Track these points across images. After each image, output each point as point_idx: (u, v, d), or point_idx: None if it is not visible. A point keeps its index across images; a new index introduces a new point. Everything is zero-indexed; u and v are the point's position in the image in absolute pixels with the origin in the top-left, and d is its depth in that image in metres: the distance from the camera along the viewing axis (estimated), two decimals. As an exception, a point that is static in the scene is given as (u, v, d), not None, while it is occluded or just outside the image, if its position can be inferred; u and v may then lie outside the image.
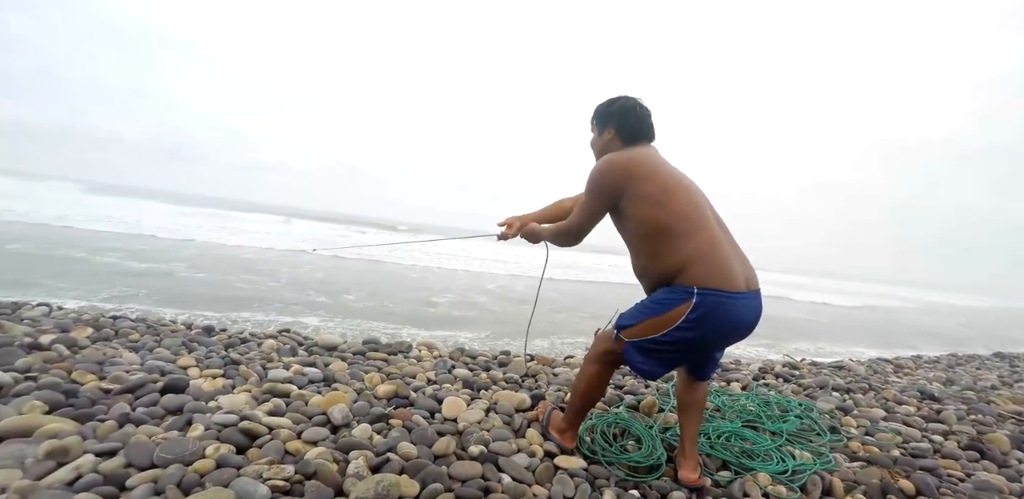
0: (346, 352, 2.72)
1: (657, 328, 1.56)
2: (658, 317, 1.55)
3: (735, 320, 1.54)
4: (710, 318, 1.50)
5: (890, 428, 2.45)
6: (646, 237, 1.61)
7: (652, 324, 1.57)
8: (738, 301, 1.52)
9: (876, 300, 19.64)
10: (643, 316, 1.60)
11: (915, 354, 5.90)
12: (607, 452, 1.86)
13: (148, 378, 1.91)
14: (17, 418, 1.50)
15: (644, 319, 1.59)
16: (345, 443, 1.59)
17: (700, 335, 1.53)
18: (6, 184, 21.02)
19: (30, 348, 2.16)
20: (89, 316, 3.01)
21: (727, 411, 2.43)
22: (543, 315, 6.42)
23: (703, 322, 1.50)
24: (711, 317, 1.50)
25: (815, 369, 3.79)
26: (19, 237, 7.65)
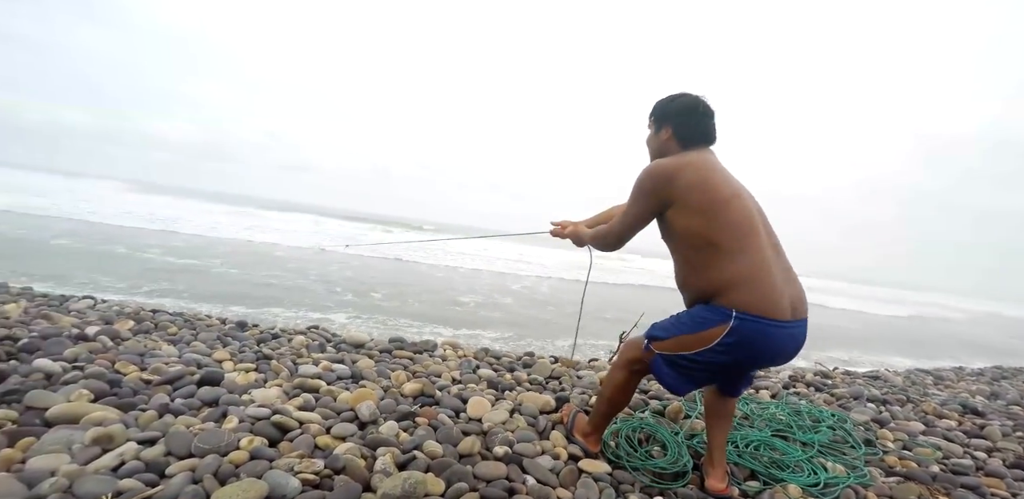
0: (373, 350, 2.77)
1: (689, 346, 1.49)
2: (693, 334, 1.48)
3: (774, 349, 1.47)
4: (746, 344, 1.42)
5: (929, 443, 2.35)
6: (691, 250, 1.52)
7: (685, 341, 1.50)
8: (781, 330, 1.43)
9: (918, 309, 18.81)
10: (677, 331, 1.54)
11: (957, 366, 5.64)
12: (632, 457, 1.84)
13: (186, 370, 1.98)
14: (66, 405, 1.58)
15: (678, 334, 1.53)
16: (373, 440, 1.61)
17: (733, 360, 1.47)
18: (53, 182, 22.11)
19: (77, 339, 2.27)
20: (131, 309, 3.14)
21: (756, 419, 2.37)
22: (567, 317, 6.39)
23: (738, 347, 1.43)
24: (747, 343, 1.42)
25: (848, 379, 3.67)
26: (64, 233, 8.04)
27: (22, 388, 1.66)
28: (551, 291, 9.12)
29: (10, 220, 8.50)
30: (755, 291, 1.41)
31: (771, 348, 1.45)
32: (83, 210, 11.72)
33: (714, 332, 1.43)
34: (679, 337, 1.52)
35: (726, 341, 1.41)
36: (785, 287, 1.46)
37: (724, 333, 1.41)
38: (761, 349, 1.44)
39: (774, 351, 1.47)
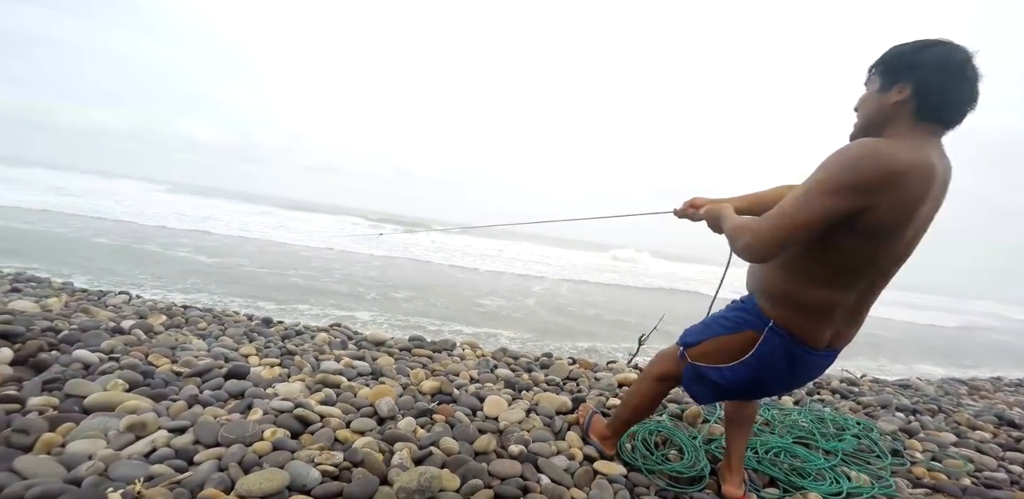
0: (393, 348, 2.82)
1: (721, 353, 1.42)
2: (724, 337, 1.41)
3: (797, 373, 1.39)
4: (774, 361, 1.34)
5: (961, 455, 2.27)
6: (821, 263, 1.22)
7: (718, 345, 1.43)
8: (809, 356, 1.33)
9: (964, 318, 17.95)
10: (711, 333, 1.46)
11: (995, 376, 5.41)
12: (648, 460, 1.83)
13: (214, 364, 2.06)
14: (102, 394, 1.66)
15: (712, 336, 1.45)
16: (391, 435, 1.65)
17: (759, 375, 1.39)
18: (91, 183, 23.06)
19: (114, 332, 2.37)
20: (163, 305, 3.26)
21: (777, 426, 2.32)
22: (587, 319, 6.37)
23: (765, 361, 1.35)
24: (776, 360, 1.34)
25: (877, 386, 3.56)
26: (103, 232, 8.39)
27: (63, 377, 1.75)
28: (570, 294, 9.09)
29: (51, 219, 8.92)
30: (809, 321, 1.28)
31: (793, 371, 1.37)
32: (119, 210, 12.20)
33: (748, 336, 1.35)
34: (713, 339, 1.44)
35: (762, 350, 1.32)
36: (841, 322, 1.30)
37: (759, 341, 1.32)
38: (784, 369, 1.35)
39: (796, 374, 1.40)
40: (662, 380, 1.63)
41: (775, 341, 1.31)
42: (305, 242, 11.20)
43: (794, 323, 1.29)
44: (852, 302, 1.27)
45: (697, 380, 1.50)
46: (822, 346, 1.32)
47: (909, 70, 1.13)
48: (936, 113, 1.13)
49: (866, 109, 1.23)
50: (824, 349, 1.33)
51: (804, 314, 1.28)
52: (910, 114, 1.14)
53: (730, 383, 1.42)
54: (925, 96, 1.12)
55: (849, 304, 1.27)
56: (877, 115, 1.19)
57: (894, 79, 1.16)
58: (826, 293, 1.23)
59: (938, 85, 1.11)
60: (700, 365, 1.47)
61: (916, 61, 1.13)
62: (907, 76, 1.13)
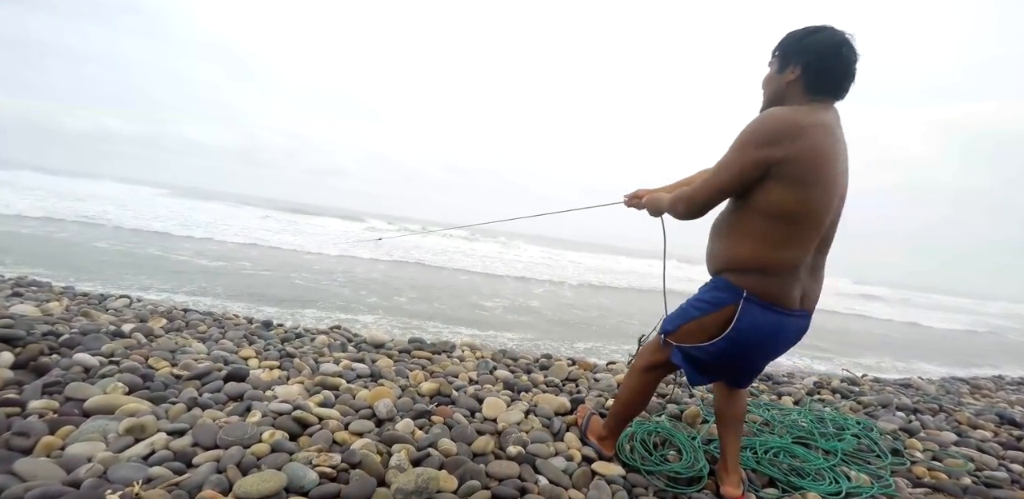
0: (392, 350, 2.82)
1: (703, 332, 1.48)
2: (707, 316, 1.47)
3: (778, 337, 1.46)
4: (755, 330, 1.42)
5: (961, 454, 2.26)
6: (760, 219, 1.36)
7: (699, 326, 1.49)
8: (787, 318, 1.43)
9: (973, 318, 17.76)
10: (689, 316, 1.52)
11: (996, 374, 5.39)
12: (647, 461, 1.83)
13: (213, 367, 2.07)
14: (102, 397, 1.67)
15: (691, 319, 1.51)
16: (389, 436, 1.65)
17: (744, 347, 1.46)
18: (93, 187, 23.17)
19: (114, 335, 2.38)
20: (164, 308, 3.28)
21: (776, 426, 2.32)
22: (589, 321, 6.37)
23: (748, 332, 1.42)
24: (757, 329, 1.42)
25: (878, 386, 3.55)
26: (104, 236, 8.41)
27: (63, 380, 1.77)
28: (573, 295, 9.10)
29: (52, 225, 8.95)
30: (775, 281, 1.39)
31: (775, 335, 1.44)
32: (121, 215, 12.24)
33: (726, 312, 1.43)
34: (693, 322, 1.50)
35: (740, 326, 1.41)
36: (806, 281, 1.43)
37: (736, 315, 1.40)
38: (767, 336, 1.44)
39: (778, 338, 1.46)
40: (649, 370, 1.68)
41: (752, 309, 1.40)
42: (308, 246, 11.22)
43: (765, 287, 1.39)
44: (810, 260, 1.40)
45: (685, 360, 1.54)
46: (796, 306, 1.42)
47: (798, 54, 1.37)
48: (822, 87, 1.36)
49: (768, 87, 1.47)
50: (798, 309, 1.43)
51: (771, 276, 1.38)
52: (802, 89, 1.38)
53: (717, 358, 1.48)
54: (811, 74, 1.36)
55: (808, 262, 1.40)
56: (777, 92, 1.44)
57: (787, 61, 1.39)
58: (786, 253, 1.36)
59: (824, 64, 1.34)
60: (685, 346, 1.53)
61: (803, 46, 1.37)
62: (797, 59, 1.37)
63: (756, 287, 1.40)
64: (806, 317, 1.49)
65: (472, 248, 16.61)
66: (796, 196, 1.30)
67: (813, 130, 1.27)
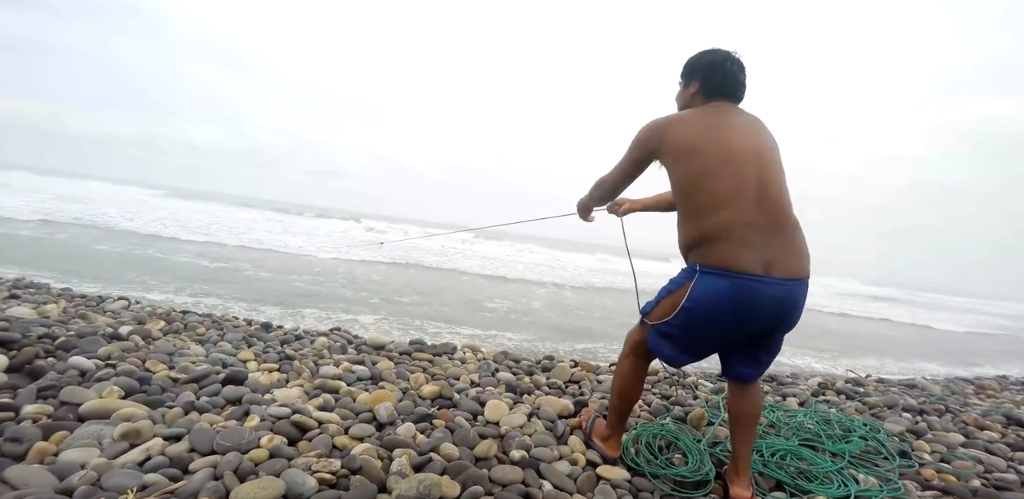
0: (393, 352, 2.79)
1: (671, 308, 1.56)
2: (670, 295, 1.57)
3: (751, 304, 1.43)
4: (709, 298, 1.46)
5: (969, 455, 2.23)
6: (680, 201, 1.59)
7: (667, 303, 1.58)
8: (754, 284, 1.41)
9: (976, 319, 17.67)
10: (659, 297, 1.63)
11: (1000, 374, 5.36)
12: (652, 464, 1.80)
13: (211, 370, 2.04)
14: (97, 401, 1.64)
15: (661, 299, 1.62)
16: (390, 441, 1.62)
17: (704, 317, 1.50)
18: (92, 189, 23.16)
19: (111, 338, 2.35)
20: (162, 310, 3.25)
21: (783, 428, 2.29)
22: (592, 322, 6.34)
23: (702, 301, 1.48)
24: (710, 297, 1.46)
25: (882, 387, 3.52)
26: (104, 238, 8.38)
27: (58, 384, 1.73)
28: (575, 296, 9.07)
29: (51, 227, 8.92)
30: (722, 247, 1.45)
31: (736, 301, 1.42)
32: (121, 217, 12.21)
33: (684, 288, 1.51)
34: (662, 302, 1.60)
35: (692, 295, 1.48)
36: (762, 245, 1.43)
37: (690, 288, 1.49)
38: (724, 301, 1.44)
39: (741, 304, 1.43)
40: (634, 354, 1.73)
41: (705, 279, 1.47)
42: (308, 248, 11.18)
43: (713, 256, 1.46)
44: (740, 219, 1.43)
45: (658, 338, 1.62)
46: (756, 270, 1.41)
47: (695, 72, 1.68)
48: (715, 93, 1.64)
49: (679, 100, 1.77)
50: (764, 275, 1.42)
51: (714, 244, 1.46)
52: (701, 98, 1.67)
53: (683, 329, 1.54)
54: (707, 87, 1.65)
55: (751, 222, 1.43)
56: (684, 103, 1.73)
57: (689, 79, 1.70)
58: (708, 218, 1.47)
59: (713, 78, 1.64)
60: (657, 324, 1.61)
61: (699, 65, 1.67)
62: (695, 76, 1.68)
63: (705, 257, 1.49)
64: (782, 284, 1.43)
65: (473, 249, 16.59)
66: (684, 169, 1.54)
67: (676, 123, 1.58)
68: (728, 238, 1.45)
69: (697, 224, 1.51)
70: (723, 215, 1.45)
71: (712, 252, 1.47)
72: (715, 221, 1.46)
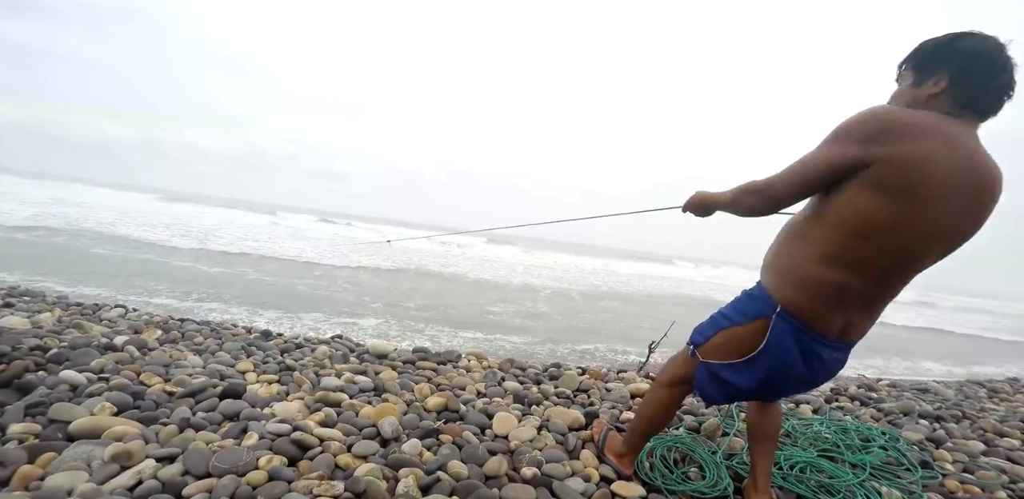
0: (396, 361, 2.71)
1: (732, 347, 1.36)
2: (738, 327, 1.34)
3: (812, 365, 1.30)
4: (786, 353, 1.28)
5: (992, 465, 2.16)
6: (829, 229, 1.18)
7: (728, 338, 1.37)
8: (820, 345, 1.27)
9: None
10: (720, 325, 1.40)
11: (1012, 377, 5.29)
12: (668, 479, 1.72)
13: (208, 383, 1.95)
14: (88, 419, 1.56)
15: (720, 329, 1.39)
16: (395, 460, 1.55)
17: (776, 371, 1.32)
18: (92, 194, 23.09)
19: (105, 349, 2.27)
20: (160, 319, 3.17)
21: (799, 438, 2.22)
22: (600, 323, 6.27)
23: (777, 355, 1.29)
24: (788, 352, 1.27)
25: (895, 391, 3.45)
26: (103, 242, 8.31)
27: (47, 400, 1.66)
28: (581, 298, 9.00)
29: (53, 233, 8.83)
30: (813, 302, 1.22)
31: (807, 364, 1.29)
32: (124, 221, 12.14)
33: (756, 326, 1.29)
34: (721, 333, 1.38)
35: (769, 347, 1.27)
36: (854, 311, 1.24)
37: (768, 330, 1.26)
38: (796, 363, 1.28)
39: (811, 368, 1.30)
40: (675, 385, 1.56)
41: (783, 327, 1.25)
42: (311, 251, 11.10)
43: (801, 305, 1.23)
44: (865, 289, 1.19)
45: (709, 379, 1.44)
46: (832, 334, 1.25)
47: (943, 63, 1.14)
48: (972, 102, 1.12)
49: (899, 101, 1.22)
50: (835, 339, 1.27)
51: (811, 294, 1.22)
52: (946, 103, 1.14)
53: (744, 380, 1.36)
54: (961, 87, 1.12)
55: (861, 290, 1.19)
56: (912, 106, 1.17)
57: (929, 73, 1.16)
58: (835, 271, 1.18)
59: (973, 75, 1.11)
60: (712, 363, 1.41)
61: (949, 53, 1.14)
62: (943, 69, 1.14)
63: (790, 302, 1.25)
64: (845, 349, 1.32)
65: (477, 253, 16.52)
66: (879, 205, 1.09)
67: (925, 134, 1.05)
68: (827, 296, 1.21)
69: (811, 262, 1.21)
70: (845, 274, 1.18)
71: (802, 301, 1.23)
72: (831, 276, 1.19)
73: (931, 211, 1.09)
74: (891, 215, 1.10)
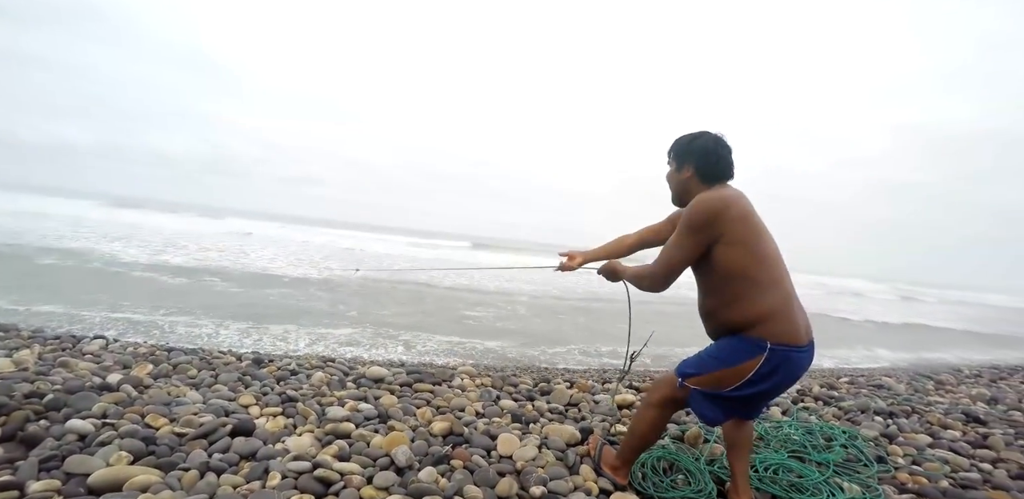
0: (393, 384, 2.79)
1: (726, 381, 1.59)
2: (730, 369, 1.58)
3: (796, 373, 1.61)
4: (778, 372, 1.55)
5: (937, 456, 2.43)
6: (727, 281, 1.59)
7: (721, 376, 1.59)
8: (802, 355, 1.58)
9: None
10: (713, 367, 1.62)
11: (955, 368, 5.79)
12: (659, 487, 1.89)
13: (218, 423, 1.97)
14: (107, 470, 1.58)
15: (713, 370, 1.61)
16: (416, 489, 1.64)
17: (766, 388, 1.58)
18: (49, 203, 21.79)
19: (101, 389, 2.27)
20: (145, 350, 3.13)
21: (771, 440, 2.44)
22: (578, 326, 6.45)
23: (771, 376, 1.55)
24: (779, 371, 1.55)
25: (854, 388, 3.77)
26: (60, 254, 7.89)
27: (60, 453, 1.66)
28: (555, 301, 9.18)
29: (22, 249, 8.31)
30: (785, 323, 1.55)
31: (794, 371, 1.60)
32: (75, 232, 11.53)
33: (750, 364, 1.54)
34: (715, 373, 1.61)
35: (762, 371, 1.53)
36: (799, 314, 1.61)
37: (760, 364, 1.52)
38: (787, 374, 1.58)
39: (796, 375, 1.62)
40: (664, 406, 1.77)
41: (774, 356, 1.53)
42: (281, 262, 10.85)
43: (779, 330, 1.54)
44: (785, 296, 1.58)
45: (704, 401, 1.66)
46: (803, 340, 1.58)
47: (689, 156, 1.73)
48: (713, 179, 1.70)
49: (672, 182, 1.82)
50: (806, 344, 1.59)
51: (778, 317, 1.55)
52: (699, 181, 1.71)
53: (738, 400, 1.62)
54: (702, 171, 1.71)
55: (785, 298, 1.58)
56: (680, 185, 1.78)
57: (682, 162, 1.75)
58: (769, 294, 1.56)
59: (708, 162, 1.70)
60: (706, 391, 1.64)
61: (692, 149, 1.72)
62: (688, 160, 1.73)
63: (775, 335, 1.54)
64: (811, 349, 1.64)
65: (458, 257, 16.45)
66: (747, 250, 1.56)
67: (731, 202, 1.57)
68: (788, 313, 1.56)
69: (756, 301, 1.55)
70: (781, 290, 1.57)
71: (779, 328, 1.54)
72: (776, 297, 1.56)
73: (766, 235, 1.61)
74: (749, 243, 1.57)
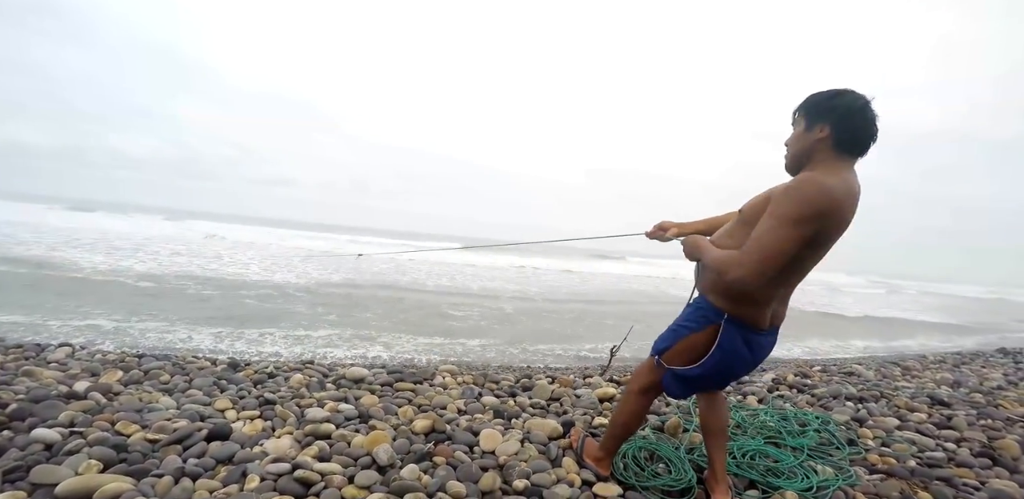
0: (374, 384, 2.76)
1: (692, 351, 1.63)
2: (689, 337, 1.63)
3: (754, 354, 1.64)
4: (736, 350, 1.59)
5: (904, 438, 2.53)
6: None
7: (689, 344, 1.64)
8: (760, 337, 1.62)
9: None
10: (680, 335, 1.66)
11: (920, 354, 6.02)
12: (640, 477, 1.92)
13: (192, 427, 1.93)
14: (76, 479, 1.54)
15: (681, 338, 1.65)
16: (399, 487, 1.63)
17: (725, 366, 1.63)
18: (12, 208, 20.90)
19: (68, 398, 2.19)
20: (114, 356, 3.04)
21: (748, 427, 2.50)
22: (563, 324, 6.48)
23: (729, 353, 1.59)
24: (737, 350, 1.59)
25: (826, 376, 3.89)
26: (25, 263, 7.58)
27: (25, 463, 1.61)
28: (541, 300, 9.20)
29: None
30: (754, 308, 1.57)
31: (752, 353, 1.63)
32: (32, 237, 11.07)
33: (711, 329, 1.59)
34: (685, 340, 1.64)
35: (723, 346, 1.57)
36: (777, 305, 1.62)
37: (719, 333, 1.57)
38: (745, 355, 1.62)
39: (755, 356, 1.65)
40: (645, 393, 1.81)
41: (731, 329, 1.57)
42: (259, 262, 10.62)
43: (741, 311, 1.56)
44: (782, 290, 1.57)
45: (674, 381, 1.71)
46: (766, 327, 1.61)
47: (829, 113, 1.43)
48: (849, 148, 1.43)
49: (795, 145, 1.52)
50: (768, 329, 1.62)
51: (748, 304, 1.55)
52: (831, 147, 1.43)
53: (704, 376, 1.65)
54: (842, 135, 1.42)
55: (780, 293, 1.57)
56: (805, 148, 1.48)
57: (816, 120, 1.45)
58: (772, 291, 1.53)
59: (851, 125, 1.41)
60: (677, 369, 1.68)
61: (834, 106, 1.43)
62: (827, 118, 1.43)
63: (733, 310, 1.57)
64: (774, 334, 1.69)
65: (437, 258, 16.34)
66: (813, 258, 1.48)
67: (848, 200, 1.38)
68: (763, 305, 1.56)
69: (759, 293, 1.51)
70: (779, 290, 1.56)
71: (744, 309, 1.55)
72: (770, 294, 1.54)
73: (834, 240, 1.46)
74: (812, 257, 1.48)
